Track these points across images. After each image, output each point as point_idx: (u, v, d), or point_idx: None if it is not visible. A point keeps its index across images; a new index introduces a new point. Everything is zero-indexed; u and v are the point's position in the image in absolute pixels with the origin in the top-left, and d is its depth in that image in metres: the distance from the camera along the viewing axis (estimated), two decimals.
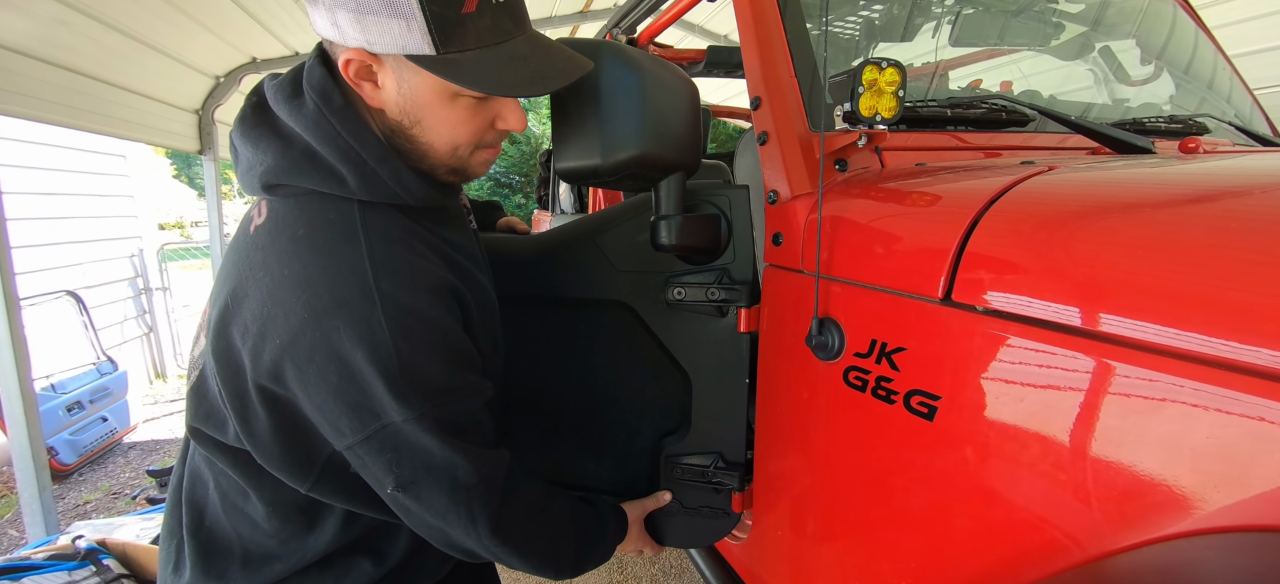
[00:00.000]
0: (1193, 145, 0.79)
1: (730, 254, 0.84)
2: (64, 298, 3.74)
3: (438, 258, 0.64)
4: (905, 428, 0.61)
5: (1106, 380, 0.44)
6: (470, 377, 0.64)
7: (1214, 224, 0.44)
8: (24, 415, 1.98)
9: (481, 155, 0.67)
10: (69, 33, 2.15)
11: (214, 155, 3.29)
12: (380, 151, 0.60)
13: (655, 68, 0.68)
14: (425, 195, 0.64)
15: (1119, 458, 0.44)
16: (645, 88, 0.65)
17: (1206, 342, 0.40)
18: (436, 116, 0.60)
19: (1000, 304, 0.52)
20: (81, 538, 1.44)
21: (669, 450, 0.94)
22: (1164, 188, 0.52)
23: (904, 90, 0.71)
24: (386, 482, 0.60)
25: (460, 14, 0.53)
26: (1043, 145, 0.97)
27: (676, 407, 0.94)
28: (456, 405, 0.61)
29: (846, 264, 0.71)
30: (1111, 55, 1.47)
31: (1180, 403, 0.41)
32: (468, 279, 0.68)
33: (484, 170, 0.69)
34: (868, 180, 0.77)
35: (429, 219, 0.67)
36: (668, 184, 0.76)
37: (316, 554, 0.69)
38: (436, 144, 0.63)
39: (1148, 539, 0.43)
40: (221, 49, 2.95)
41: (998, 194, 0.57)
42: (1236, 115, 1.39)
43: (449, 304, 0.62)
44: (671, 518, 0.96)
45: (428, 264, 0.61)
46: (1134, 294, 0.44)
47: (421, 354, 0.57)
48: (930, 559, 0.60)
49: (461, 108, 0.61)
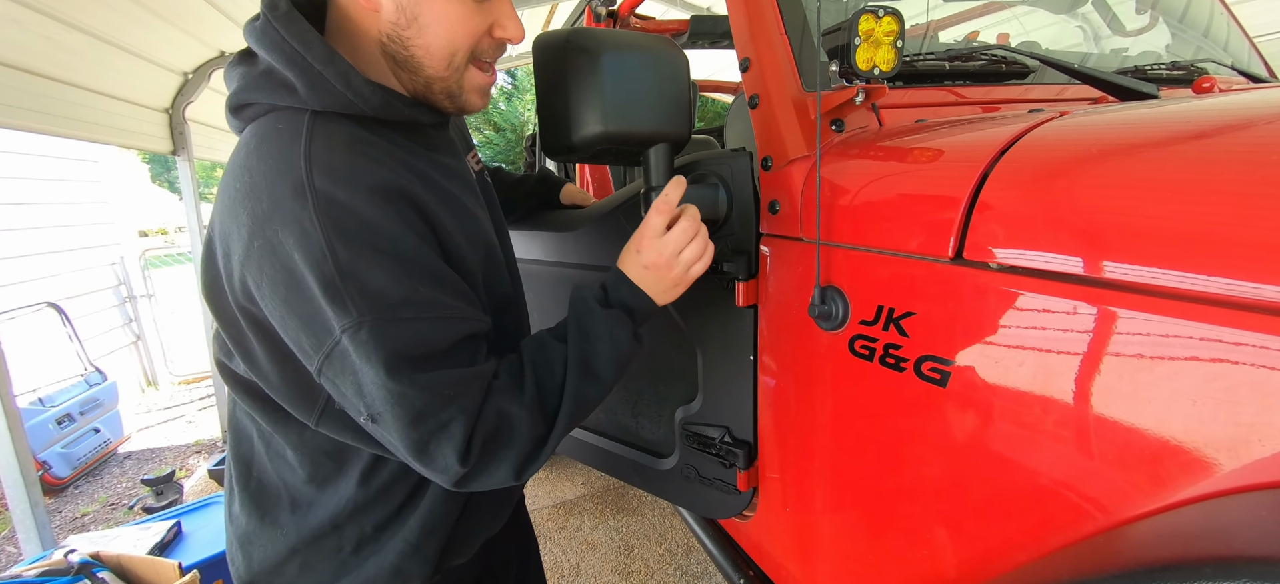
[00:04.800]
0: (1208, 84, 0.76)
1: (732, 225, 0.82)
2: (45, 310, 3.66)
3: (395, 164, 0.59)
4: (916, 396, 0.59)
5: (1134, 334, 0.42)
6: (432, 292, 0.56)
7: (1243, 157, 0.41)
8: (8, 430, 1.93)
9: (477, 77, 0.66)
10: (22, 32, 2.05)
11: (188, 155, 3.19)
12: (325, 53, 0.57)
13: (620, 46, 0.68)
14: (381, 102, 0.59)
15: (1145, 417, 0.42)
16: (603, 67, 0.67)
17: (1238, 285, 0.37)
18: (434, 11, 0.59)
19: (1017, 260, 0.49)
20: (73, 552, 1.40)
21: (683, 418, 0.98)
22: (1188, 124, 0.48)
23: (902, 41, 0.67)
24: (360, 413, 0.55)
25: None
26: (1043, 97, 0.93)
27: (692, 377, 0.96)
28: (418, 325, 0.54)
29: (848, 229, 0.67)
30: (1105, 6, 1.43)
31: (1212, 356, 0.38)
32: (442, 196, 0.62)
33: (480, 101, 0.68)
34: (867, 139, 0.73)
35: (398, 134, 0.63)
36: (654, 155, 0.75)
37: (353, 502, 0.65)
38: (433, 47, 0.61)
39: (1176, 503, 0.41)
40: (188, 44, 2.84)
41: (1009, 142, 0.54)
42: (1234, 61, 1.36)
43: (400, 208, 0.56)
44: (689, 484, 0.99)
45: (375, 166, 0.56)
46: (1163, 240, 0.41)
47: (362, 258, 0.52)
48: (948, 531, 0.58)
49: (463, 6, 0.60)
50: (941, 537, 0.59)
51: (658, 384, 1.04)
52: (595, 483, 2.81)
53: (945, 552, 0.58)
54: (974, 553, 0.55)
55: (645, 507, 2.59)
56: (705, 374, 0.94)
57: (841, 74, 0.68)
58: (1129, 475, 0.43)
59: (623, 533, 2.41)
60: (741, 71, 0.85)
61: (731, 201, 0.82)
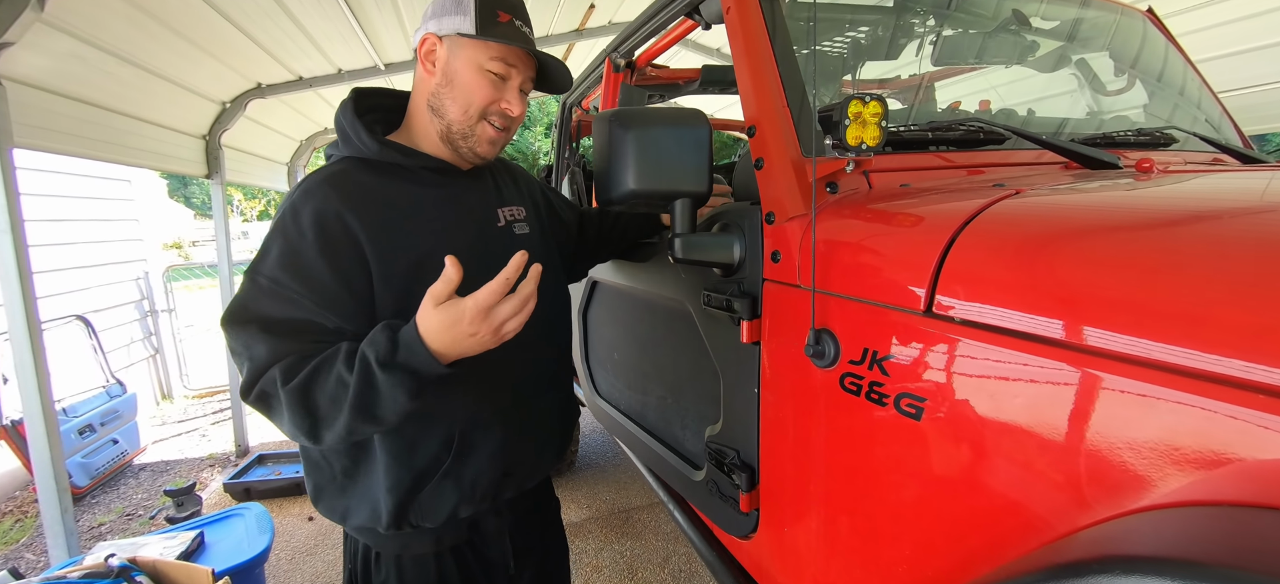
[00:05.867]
0: (1146, 165, 0.87)
1: (744, 270, 0.95)
2: (73, 322, 3.80)
3: (355, 196, 0.83)
4: (896, 427, 0.68)
5: (1064, 381, 0.51)
6: (297, 286, 0.78)
7: (1151, 245, 0.52)
8: (46, 438, 2.04)
9: (487, 131, 0.92)
10: (84, 67, 2.22)
11: (221, 178, 3.36)
12: (352, 118, 0.90)
13: (649, 122, 0.85)
14: (377, 150, 0.89)
15: (1075, 448, 0.51)
16: (634, 139, 0.84)
17: (1141, 344, 0.47)
18: (469, 80, 0.89)
19: (973, 315, 0.59)
20: (114, 556, 1.49)
21: (709, 435, 1.11)
22: (1114, 212, 0.59)
23: (886, 121, 0.78)
24: None
25: (497, 17, 0.87)
26: (1019, 161, 1.04)
27: (717, 399, 1.09)
28: (275, 298, 0.77)
29: (839, 279, 0.78)
30: (1088, 67, 1.56)
31: (1120, 399, 0.48)
32: (384, 220, 0.85)
33: (487, 150, 0.94)
34: (857, 201, 0.84)
35: (389, 173, 0.90)
36: (678, 207, 0.90)
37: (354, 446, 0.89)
38: (458, 99, 0.89)
39: (1102, 518, 0.50)
40: (227, 75, 3.03)
41: (971, 216, 0.64)
42: (1207, 121, 1.47)
43: (324, 227, 0.80)
44: (711, 498, 1.12)
45: (330, 195, 0.82)
46: (1088, 307, 0.51)
47: (276, 244, 0.80)
48: (924, 547, 0.67)
49: (485, 79, 0.89)
50: (920, 552, 0.67)
51: (697, 402, 1.19)
52: (600, 506, 2.87)
53: (923, 565, 0.67)
54: (946, 565, 0.64)
55: (649, 531, 2.64)
56: (725, 398, 1.05)
57: (834, 147, 0.80)
58: (1064, 496, 0.52)
59: (627, 557, 2.46)
60: (748, 136, 0.96)
61: (745, 249, 0.94)
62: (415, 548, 0.94)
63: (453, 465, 0.90)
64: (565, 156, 2.58)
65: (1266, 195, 0.61)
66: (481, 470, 0.93)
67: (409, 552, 0.94)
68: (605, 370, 1.80)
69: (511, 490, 0.99)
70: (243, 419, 3.76)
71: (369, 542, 0.96)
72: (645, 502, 2.89)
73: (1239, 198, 0.64)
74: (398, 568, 0.95)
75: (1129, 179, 0.81)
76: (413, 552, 0.94)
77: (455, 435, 0.90)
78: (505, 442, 0.96)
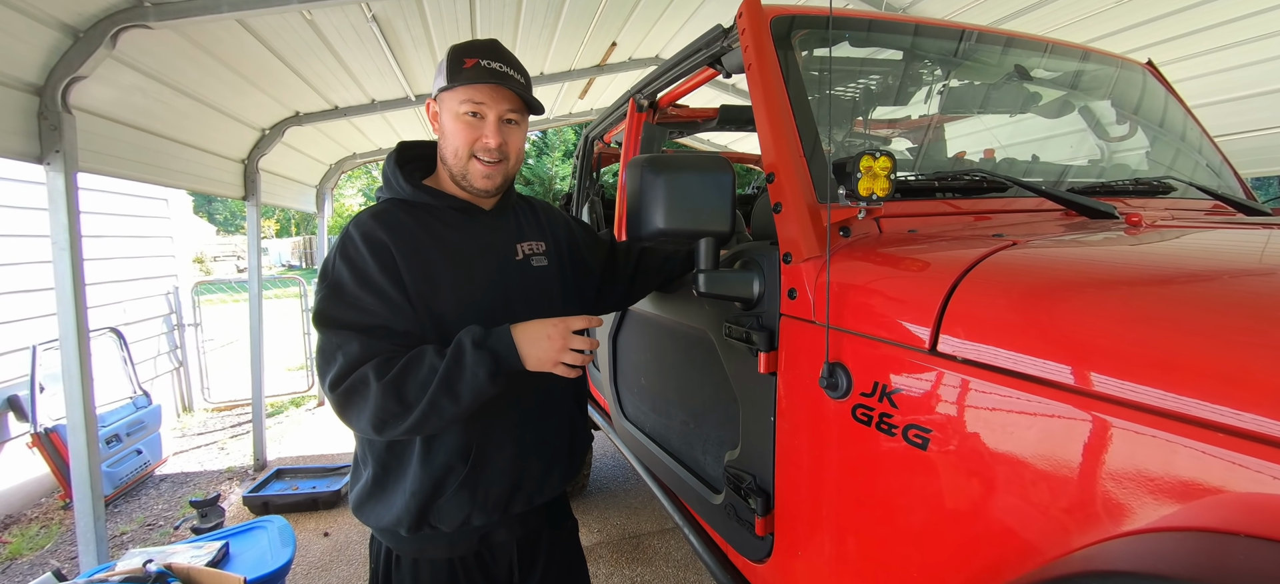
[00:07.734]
0: (1135, 219, 0.94)
1: (763, 305, 1.02)
2: (108, 335, 3.94)
3: (394, 230, 1.00)
4: (905, 456, 0.74)
5: (1056, 415, 0.58)
6: (370, 300, 0.95)
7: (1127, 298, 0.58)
8: (86, 445, 2.13)
9: (476, 166, 1.05)
10: (144, 97, 2.39)
11: (256, 200, 3.52)
12: (393, 167, 1.09)
13: (675, 168, 0.94)
14: (411, 192, 1.07)
15: (1064, 477, 0.57)
16: (663, 185, 0.93)
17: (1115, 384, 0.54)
18: (451, 128, 1.04)
19: (973, 355, 0.66)
20: (151, 561, 1.56)
21: (728, 460, 1.17)
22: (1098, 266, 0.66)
23: (895, 174, 0.86)
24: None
25: (463, 65, 1.01)
26: (1021, 208, 1.11)
27: (736, 425, 1.15)
28: (356, 309, 0.94)
29: (851, 317, 0.85)
30: (1091, 113, 1.63)
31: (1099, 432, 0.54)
32: (414, 251, 1.00)
33: (481, 183, 1.06)
34: (868, 246, 0.91)
35: (422, 212, 1.06)
36: (702, 245, 0.98)
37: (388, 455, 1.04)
38: (449, 146, 1.05)
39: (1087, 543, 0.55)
40: (268, 104, 3.21)
41: (971, 264, 0.71)
42: (1207, 166, 1.54)
43: (377, 251, 0.97)
44: (729, 522, 1.18)
45: (380, 227, 0.99)
46: (1073, 351, 0.58)
47: (345, 267, 0.97)
48: (929, 569, 0.72)
49: (462, 123, 1.02)
50: (926, 574, 0.72)
51: (718, 427, 1.26)
52: (611, 531, 2.89)
53: None
54: None
55: (660, 557, 2.66)
56: (743, 425, 1.12)
57: (847, 196, 0.88)
58: (1055, 522, 0.58)
59: (637, 583, 2.47)
60: (767, 182, 1.05)
61: (764, 286, 1.01)
62: (431, 552, 1.07)
63: (469, 475, 1.02)
64: (586, 185, 2.69)
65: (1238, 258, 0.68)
66: (494, 482, 1.05)
67: (425, 555, 1.08)
68: (632, 394, 1.86)
69: (521, 505, 1.09)
70: (262, 433, 3.85)
71: (391, 544, 1.09)
72: (656, 527, 2.90)
73: (1214, 258, 0.70)
74: (414, 570, 1.08)
75: (1119, 232, 0.88)
76: (428, 555, 1.08)
77: (473, 447, 1.03)
78: (516, 457, 1.07)
